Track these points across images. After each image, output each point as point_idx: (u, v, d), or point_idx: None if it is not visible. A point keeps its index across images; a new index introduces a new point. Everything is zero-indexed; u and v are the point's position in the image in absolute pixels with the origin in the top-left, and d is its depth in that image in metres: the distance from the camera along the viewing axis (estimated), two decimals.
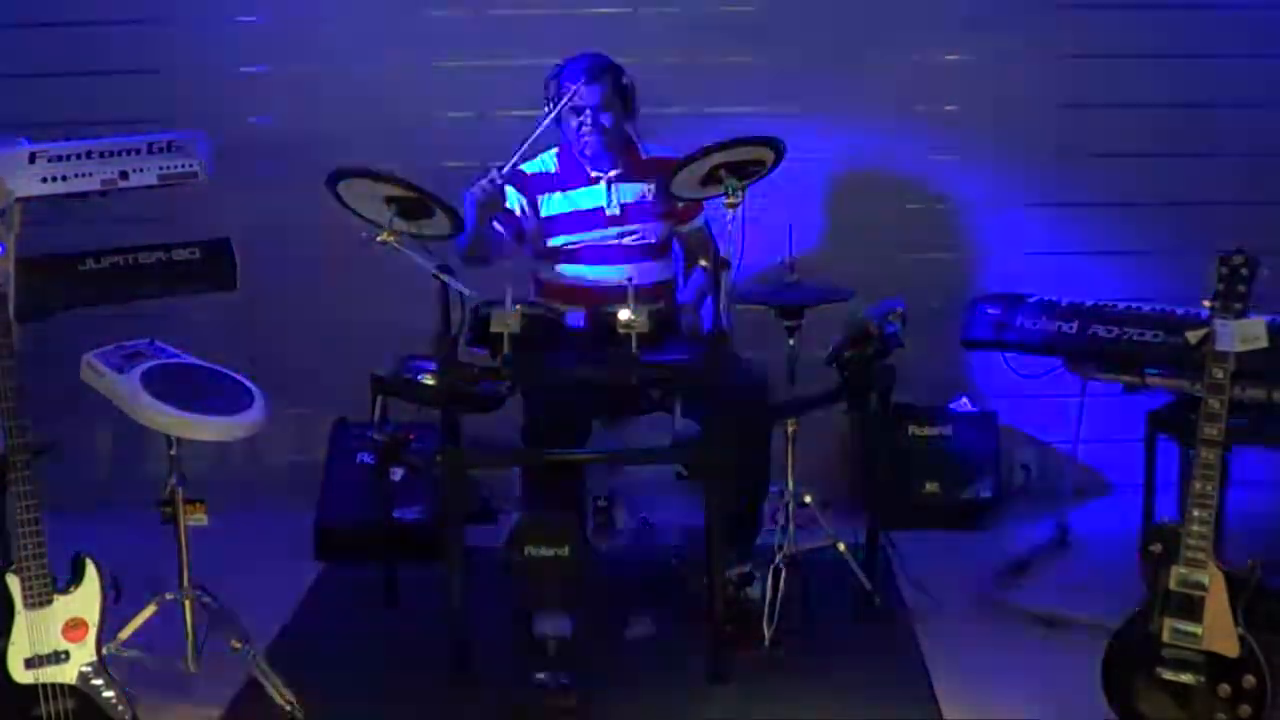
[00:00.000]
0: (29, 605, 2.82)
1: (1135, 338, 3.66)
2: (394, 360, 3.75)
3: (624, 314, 3.27)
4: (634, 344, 3.28)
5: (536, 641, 3.39)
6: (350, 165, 3.30)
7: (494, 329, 3.26)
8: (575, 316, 3.47)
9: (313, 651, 3.67)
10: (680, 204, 3.94)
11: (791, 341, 3.74)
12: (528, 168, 3.95)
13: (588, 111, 3.81)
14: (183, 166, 3.48)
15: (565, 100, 3.74)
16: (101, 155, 3.40)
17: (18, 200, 3.24)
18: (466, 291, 3.31)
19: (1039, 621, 3.72)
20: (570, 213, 3.92)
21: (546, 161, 3.97)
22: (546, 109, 3.85)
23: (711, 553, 3.43)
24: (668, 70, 4.35)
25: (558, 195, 3.93)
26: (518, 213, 3.92)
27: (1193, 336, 3.07)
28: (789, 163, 3.54)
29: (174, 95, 4.48)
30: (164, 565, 3.60)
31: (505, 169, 3.61)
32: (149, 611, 3.46)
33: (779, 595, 3.55)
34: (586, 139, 3.85)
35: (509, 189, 3.93)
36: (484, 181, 3.62)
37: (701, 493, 3.44)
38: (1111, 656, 3.02)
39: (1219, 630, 2.88)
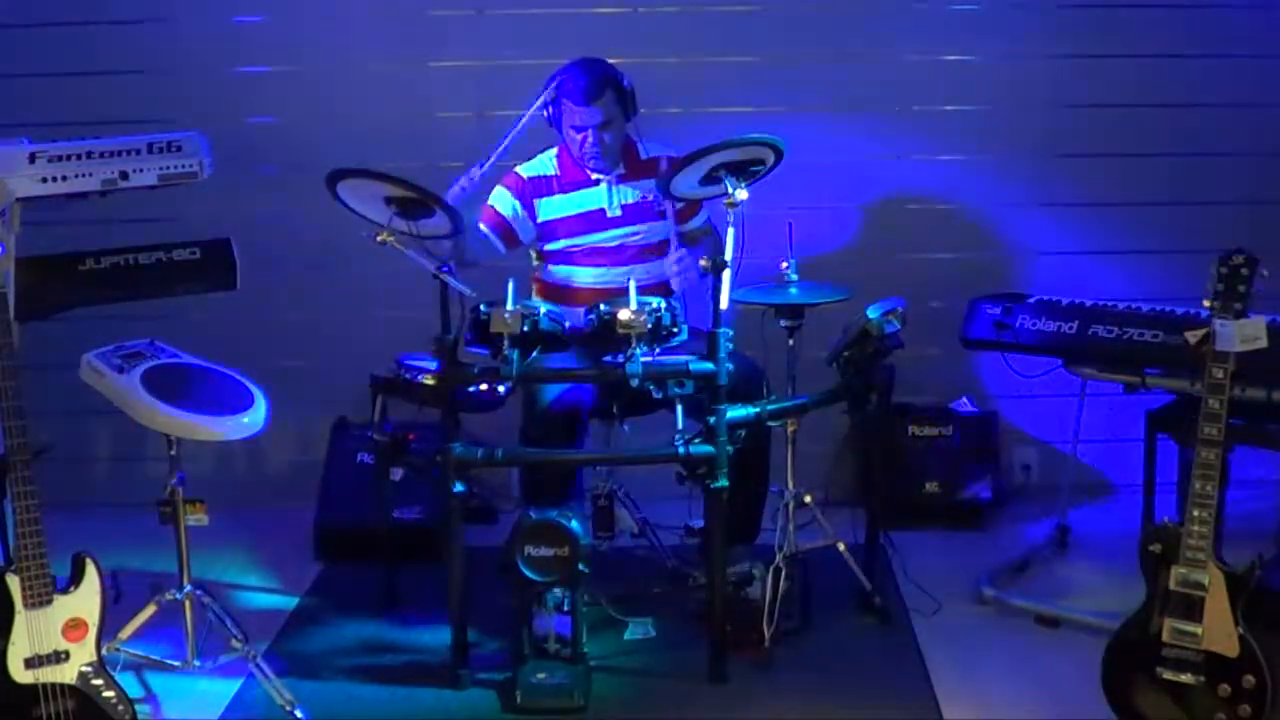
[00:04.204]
0: (29, 605, 2.82)
1: (1135, 338, 3.66)
2: (394, 360, 3.75)
3: (624, 314, 3.27)
4: (634, 344, 3.28)
5: (536, 641, 3.40)
6: (349, 166, 3.30)
7: (494, 329, 3.26)
8: (575, 317, 3.47)
9: (313, 651, 3.67)
10: (680, 204, 3.93)
11: (791, 341, 3.74)
12: (526, 171, 3.95)
13: (589, 130, 3.80)
14: (183, 166, 3.48)
15: (553, 105, 3.76)
16: (101, 155, 3.39)
17: (18, 200, 3.23)
18: (467, 291, 3.31)
19: (1039, 621, 3.72)
20: (571, 216, 3.91)
21: (545, 163, 3.96)
22: (544, 113, 3.84)
23: (711, 553, 3.43)
24: (668, 70, 4.35)
25: (558, 198, 3.92)
26: (509, 218, 3.91)
27: (1193, 336, 3.07)
28: (789, 162, 3.54)
29: (174, 95, 4.48)
30: (164, 565, 3.61)
31: (485, 166, 3.55)
32: (149, 611, 3.46)
33: (779, 595, 3.55)
34: (588, 154, 3.84)
35: (503, 193, 3.92)
36: (457, 189, 3.55)
37: (701, 493, 3.44)
38: (1111, 656, 3.02)
39: (1219, 630, 2.88)
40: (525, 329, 3.26)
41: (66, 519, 3.17)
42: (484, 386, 3.56)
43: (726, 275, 3.36)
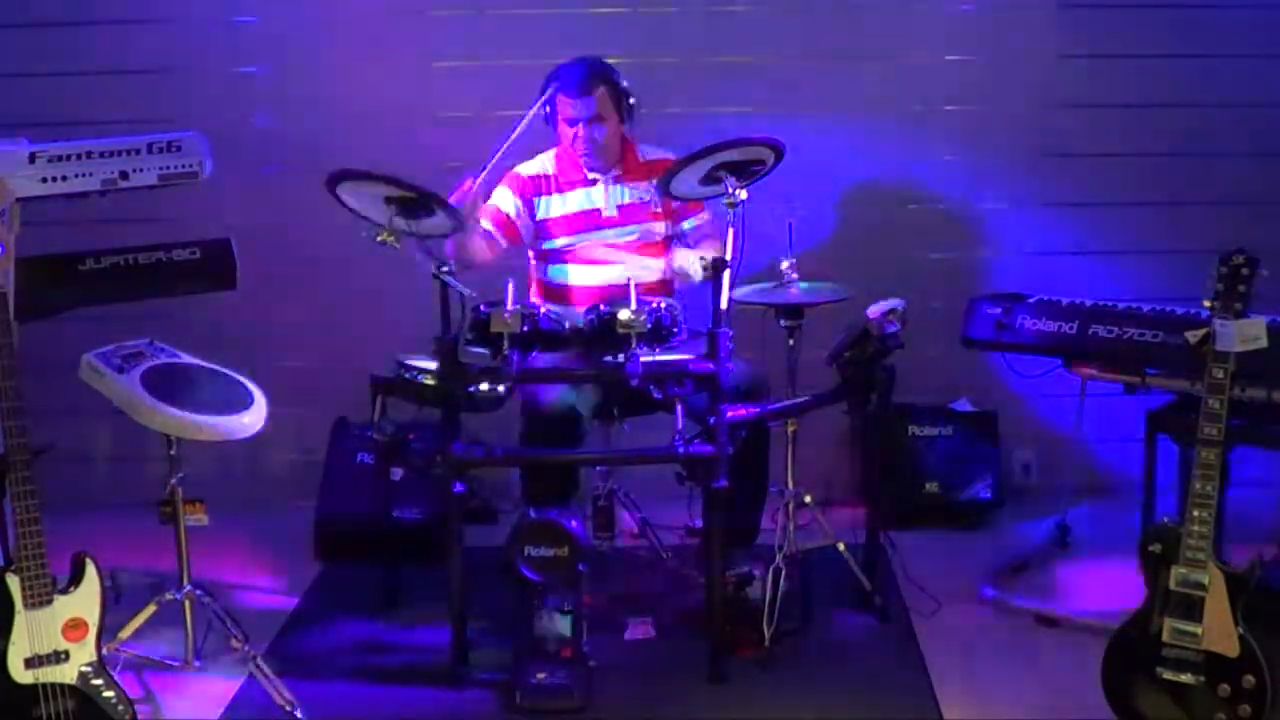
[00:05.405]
0: (29, 605, 2.82)
1: (1135, 338, 3.66)
2: (394, 360, 3.75)
3: (624, 314, 3.27)
4: (633, 344, 3.28)
5: (536, 641, 3.40)
6: (350, 168, 3.30)
7: (494, 329, 3.26)
8: (574, 317, 3.47)
9: (313, 651, 3.67)
10: (677, 204, 3.93)
11: (791, 342, 3.74)
12: (524, 169, 3.95)
13: (580, 124, 3.81)
14: (183, 166, 3.48)
15: (547, 101, 3.77)
16: (101, 155, 3.40)
17: (18, 200, 3.23)
18: (467, 291, 3.31)
19: (1039, 621, 3.72)
20: (567, 215, 3.92)
21: (544, 163, 3.96)
22: (542, 111, 3.85)
23: (711, 553, 3.43)
24: (668, 70, 4.35)
25: (555, 197, 3.93)
26: (513, 216, 3.92)
27: (1193, 336, 3.07)
28: (789, 162, 3.54)
29: (174, 95, 4.48)
30: (164, 565, 3.61)
31: (480, 178, 3.60)
32: (149, 611, 3.46)
33: (779, 595, 3.55)
34: (580, 149, 3.85)
35: (504, 191, 3.93)
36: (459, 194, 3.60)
37: (701, 494, 3.44)
38: (1111, 656, 3.02)
39: (1219, 630, 2.88)
40: (525, 329, 3.27)
41: (66, 519, 3.17)
42: (484, 386, 3.56)
43: (726, 275, 3.36)
